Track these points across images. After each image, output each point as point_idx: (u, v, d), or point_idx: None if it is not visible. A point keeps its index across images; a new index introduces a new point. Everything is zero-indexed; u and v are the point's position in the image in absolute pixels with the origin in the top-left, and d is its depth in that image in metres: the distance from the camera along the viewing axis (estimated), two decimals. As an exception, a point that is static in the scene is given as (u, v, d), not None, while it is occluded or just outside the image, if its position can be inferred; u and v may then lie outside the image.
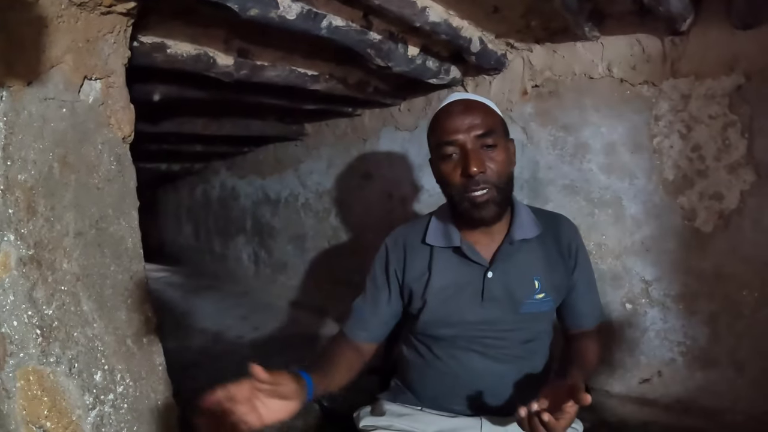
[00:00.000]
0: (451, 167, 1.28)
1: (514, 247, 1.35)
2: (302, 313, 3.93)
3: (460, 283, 1.36)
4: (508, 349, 1.38)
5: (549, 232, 1.41)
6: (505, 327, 1.36)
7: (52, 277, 1.29)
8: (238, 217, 5.06)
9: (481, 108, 1.30)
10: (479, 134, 1.25)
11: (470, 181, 1.24)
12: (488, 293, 1.34)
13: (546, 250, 1.40)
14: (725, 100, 1.98)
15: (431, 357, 1.43)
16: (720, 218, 2.02)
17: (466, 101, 1.32)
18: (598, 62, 2.23)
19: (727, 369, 2.04)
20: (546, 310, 1.39)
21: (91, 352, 1.35)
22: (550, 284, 1.37)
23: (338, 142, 3.64)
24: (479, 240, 1.37)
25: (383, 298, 1.45)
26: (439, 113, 1.33)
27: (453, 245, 1.36)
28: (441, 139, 1.28)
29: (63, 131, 1.33)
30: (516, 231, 1.35)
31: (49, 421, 1.25)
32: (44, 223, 1.27)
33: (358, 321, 1.47)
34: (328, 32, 1.79)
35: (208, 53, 1.96)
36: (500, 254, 1.35)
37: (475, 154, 1.24)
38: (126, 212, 1.48)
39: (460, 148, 1.26)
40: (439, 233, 1.40)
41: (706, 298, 2.07)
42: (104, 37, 1.43)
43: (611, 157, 2.24)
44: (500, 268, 1.35)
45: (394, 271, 1.43)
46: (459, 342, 1.38)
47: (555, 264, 1.40)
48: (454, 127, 1.26)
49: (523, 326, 1.38)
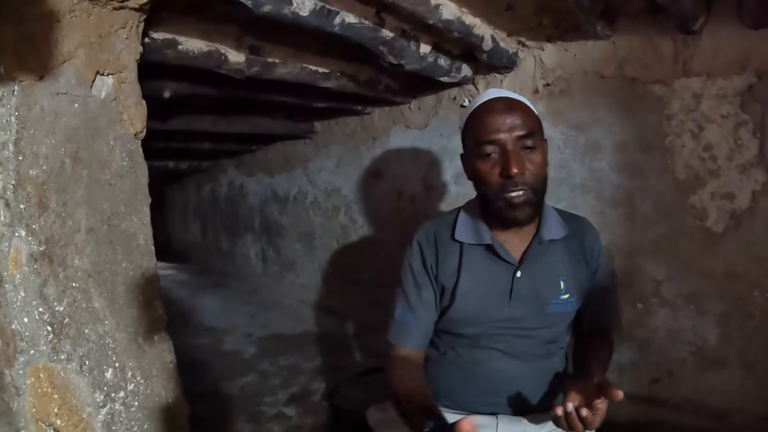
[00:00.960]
0: (489, 166, 1.25)
1: (542, 248, 1.34)
2: (311, 311, 3.91)
3: (489, 282, 1.35)
4: (530, 348, 1.37)
5: (574, 233, 1.40)
6: (530, 326, 1.35)
7: (64, 273, 1.26)
8: (245, 215, 5.03)
9: (522, 108, 1.27)
10: (520, 135, 1.23)
11: (509, 182, 1.22)
12: (516, 293, 1.33)
13: (571, 251, 1.39)
14: (737, 100, 1.94)
15: (452, 354, 1.41)
16: (731, 218, 1.98)
17: (508, 99, 1.29)
18: (609, 61, 2.19)
19: (738, 369, 2.00)
20: (570, 311, 1.38)
21: (102, 349, 1.32)
22: (574, 285, 1.36)
23: (348, 140, 3.60)
24: (509, 239, 1.35)
25: (430, 296, 1.40)
26: (480, 110, 1.29)
27: (484, 243, 1.34)
28: (481, 137, 1.25)
29: (75, 126, 1.30)
30: (545, 231, 1.34)
31: (60, 419, 1.22)
32: (56, 218, 1.25)
33: (409, 331, 1.41)
34: (341, 29, 1.75)
35: (220, 50, 1.92)
36: (529, 254, 1.34)
37: (515, 155, 1.21)
38: (138, 208, 1.45)
39: (501, 148, 1.23)
40: (469, 230, 1.38)
41: (717, 298, 2.03)
42: (116, 33, 1.40)
43: (623, 156, 2.20)
44: (529, 268, 1.34)
45: (431, 266, 1.39)
46: (482, 340, 1.36)
47: (578, 265, 1.39)
48: (496, 126, 1.23)
49: (547, 326, 1.37)
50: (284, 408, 2.26)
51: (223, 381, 2.57)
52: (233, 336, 3.43)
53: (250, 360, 2.93)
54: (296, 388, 2.47)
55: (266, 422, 2.14)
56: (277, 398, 2.36)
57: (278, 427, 2.09)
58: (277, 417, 2.19)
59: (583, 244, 1.41)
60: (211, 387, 2.49)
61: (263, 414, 2.21)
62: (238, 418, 2.16)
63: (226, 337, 3.41)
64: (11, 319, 1.17)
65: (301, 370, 2.72)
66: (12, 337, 1.17)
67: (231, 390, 2.46)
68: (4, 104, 1.18)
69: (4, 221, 1.17)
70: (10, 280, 1.17)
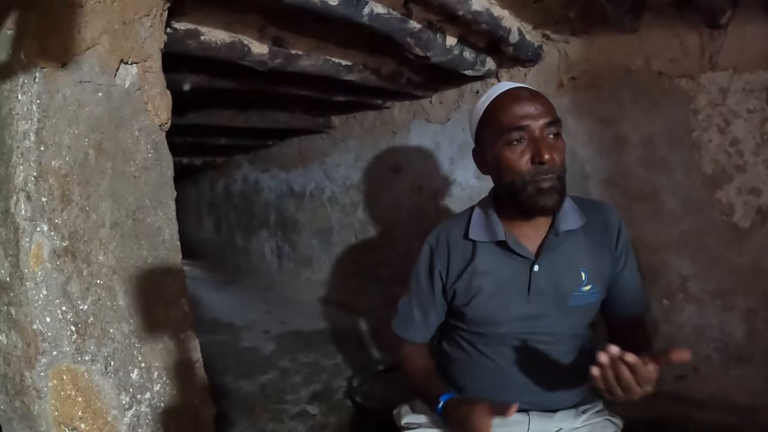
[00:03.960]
0: (518, 154, 1.17)
1: (559, 239, 1.26)
2: (328, 308, 3.82)
3: (506, 278, 1.27)
4: (555, 344, 1.29)
5: (592, 221, 1.31)
6: (553, 321, 1.27)
7: (88, 270, 1.16)
8: (260, 211, 4.92)
9: (543, 96, 1.22)
10: (547, 122, 1.17)
11: (540, 169, 1.15)
12: (535, 287, 1.26)
13: (590, 240, 1.30)
14: (763, 95, 1.85)
15: (476, 353, 1.34)
16: (758, 213, 1.90)
17: (530, 89, 1.24)
18: (636, 55, 2.10)
19: (763, 366, 1.92)
20: (593, 302, 1.29)
21: (127, 349, 1.23)
22: (596, 275, 1.28)
23: (366, 134, 3.49)
24: (524, 233, 1.28)
25: (431, 302, 1.39)
26: (503, 99, 1.23)
27: (497, 239, 1.27)
28: (510, 124, 1.17)
29: (99, 116, 1.20)
30: (561, 222, 1.26)
31: (84, 423, 1.12)
32: (79, 212, 1.15)
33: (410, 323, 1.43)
34: (370, 19, 1.66)
35: (243, 41, 1.83)
36: (546, 246, 1.26)
37: (545, 141, 1.16)
38: (163, 202, 1.35)
39: (529, 135, 1.16)
40: (482, 227, 1.31)
41: (744, 294, 1.95)
42: (141, 20, 1.31)
43: (649, 150, 2.11)
44: (546, 261, 1.26)
45: (439, 272, 1.35)
46: (506, 338, 1.29)
47: (600, 253, 1.30)
48: (525, 112, 1.17)
49: (570, 320, 1.29)
50: (307, 406, 2.16)
51: (243, 378, 2.47)
52: (251, 333, 3.33)
53: (269, 357, 2.83)
54: (318, 385, 2.38)
55: (290, 420, 2.04)
56: (299, 396, 2.27)
57: (302, 426, 2.00)
58: (301, 415, 2.09)
59: (605, 230, 1.32)
60: (231, 385, 2.40)
61: (286, 412, 2.11)
62: (260, 417, 2.06)
63: (243, 333, 3.31)
64: (33, 318, 1.07)
65: (322, 367, 2.62)
66: (34, 337, 1.08)
67: (252, 388, 2.37)
68: (26, 92, 1.08)
69: (26, 215, 1.07)
70: (32, 278, 1.08)
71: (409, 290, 1.44)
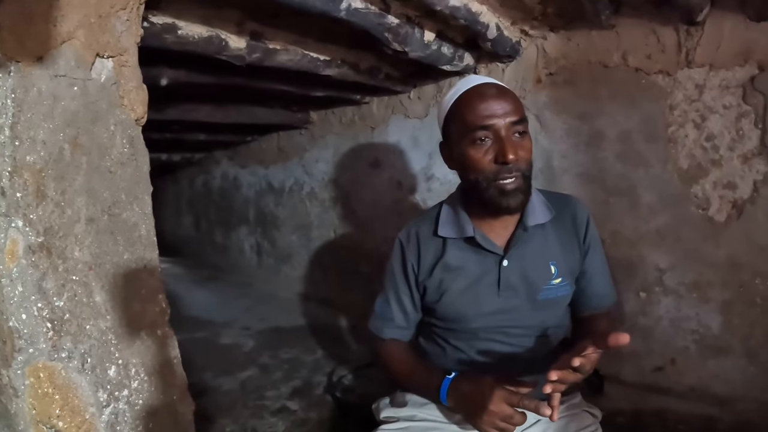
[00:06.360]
0: (482, 153, 1.19)
1: (528, 234, 1.28)
2: (308, 303, 3.81)
3: (476, 274, 1.29)
4: (528, 337, 1.32)
5: (561, 214, 1.33)
6: (524, 315, 1.30)
7: (63, 266, 1.15)
8: (240, 207, 4.88)
9: (511, 93, 1.23)
10: (513, 121, 1.18)
11: (503, 168, 1.17)
12: (505, 282, 1.28)
13: (559, 233, 1.33)
14: (739, 91, 1.91)
15: (450, 348, 1.36)
16: (733, 207, 1.96)
17: (498, 85, 1.24)
18: (613, 51, 2.13)
19: (740, 357, 1.98)
20: (563, 295, 1.32)
21: (104, 345, 1.22)
22: (566, 268, 1.30)
23: (345, 130, 3.49)
24: (492, 228, 1.30)
25: (407, 296, 1.40)
26: (469, 95, 1.23)
27: (466, 236, 1.29)
28: (475, 122, 1.18)
29: (74, 111, 1.19)
30: (529, 217, 1.28)
31: (62, 421, 1.12)
32: (54, 208, 1.14)
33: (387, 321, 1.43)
34: (347, 14, 1.66)
35: (221, 35, 1.81)
36: (514, 241, 1.28)
37: (509, 140, 1.17)
38: (139, 197, 1.34)
39: (494, 134, 1.18)
40: (451, 224, 1.33)
41: (720, 286, 2.00)
42: (117, 14, 1.29)
43: (626, 145, 2.15)
44: (515, 255, 1.28)
45: (412, 266, 1.36)
46: (478, 333, 1.31)
47: (569, 247, 1.32)
48: (490, 111, 1.18)
49: (541, 313, 1.31)
50: (287, 402, 2.16)
51: (223, 375, 2.46)
52: (231, 329, 3.31)
53: (249, 353, 2.82)
54: (298, 381, 2.38)
55: (270, 417, 2.04)
56: (279, 392, 2.27)
57: (283, 422, 2.00)
58: (281, 411, 2.09)
59: (572, 223, 1.34)
60: (211, 382, 2.39)
61: (267, 408, 2.11)
62: (241, 414, 2.06)
63: (223, 330, 3.29)
64: (8, 315, 1.07)
65: (302, 363, 2.62)
66: (9, 335, 1.07)
67: (232, 384, 2.36)
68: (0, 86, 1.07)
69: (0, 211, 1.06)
70: (7, 274, 1.07)
71: (385, 289, 1.44)
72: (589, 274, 1.36)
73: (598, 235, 1.39)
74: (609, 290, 1.41)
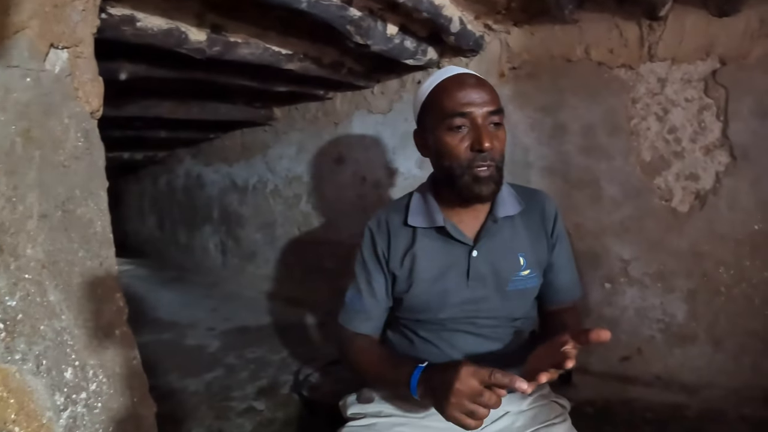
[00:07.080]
0: (458, 140, 1.19)
1: (497, 225, 1.29)
2: (274, 302, 3.77)
3: (445, 264, 1.30)
4: (497, 328, 1.32)
5: (530, 207, 1.35)
6: (493, 305, 1.30)
7: (15, 264, 1.11)
8: (204, 206, 4.80)
9: (489, 85, 1.24)
10: (491, 111, 1.19)
11: (478, 156, 1.18)
12: (474, 273, 1.28)
13: (528, 226, 1.34)
14: (701, 84, 1.96)
15: (419, 340, 1.36)
16: (696, 198, 2.01)
17: (477, 76, 1.25)
18: (576, 45, 2.16)
19: (706, 345, 2.03)
20: (532, 286, 1.33)
21: (59, 347, 1.18)
22: (534, 260, 1.32)
23: (309, 126, 3.46)
24: (462, 219, 1.31)
25: (380, 284, 1.37)
26: (449, 83, 1.23)
27: (436, 225, 1.29)
28: (453, 109, 1.19)
29: (27, 103, 1.14)
30: (499, 208, 1.29)
31: (18, 426, 1.08)
32: (5, 203, 1.09)
33: (358, 315, 1.39)
34: (308, 6, 1.64)
35: (180, 28, 1.77)
36: (484, 232, 1.29)
37: (486, 129, 1.18)
38: (94, 193, 1.30)
39: (471, 122, 1.18)
40: (421, 213, 1.33)
41: (684, 276, 2.05)
42: (73, 3, 1.25)
43: (589, 138, 2.18)
44: (485, 246, 1.29)
45: (382, 253, 1.35)
46: (447, 324, 1.31)
47: (538, 240, 1.34)
48: (469, 99, 1.18)
49: (510, 304, 1.31)
50: (254, 402, 2.13)
51: (188, 377, 2.41)
52: (196, 330, 3.24)
53: (215, 354, 2.77)
54: (265, 381, 2.35)
55: (236, 417, 2.01)
56: (245, 392, 2.23)
57: (249, 423, 1.97)
58: (248, 411, 2.06)
59: (541, 217, 1.36)
60: (176, 384, 2.33)
61: (232, 409, 2.07)
62: (207, 415, 2.01)
63: (188, 331, 3.23)
64: (-42, 316, 1.02)
65: (268, 362, 2.59)
66: (-41, 336, 1.03)
67: (198, 386, 2.31)
68: (-52, 77, 1.03)
69: (-54, 207, 1.02)
70: (-43, 273, 1.03)
71: (356, 279, 1.41)
72: (556, 267, 1.37)
73: (565, 229, 1.40)
74: (575, 284, 1.42)
